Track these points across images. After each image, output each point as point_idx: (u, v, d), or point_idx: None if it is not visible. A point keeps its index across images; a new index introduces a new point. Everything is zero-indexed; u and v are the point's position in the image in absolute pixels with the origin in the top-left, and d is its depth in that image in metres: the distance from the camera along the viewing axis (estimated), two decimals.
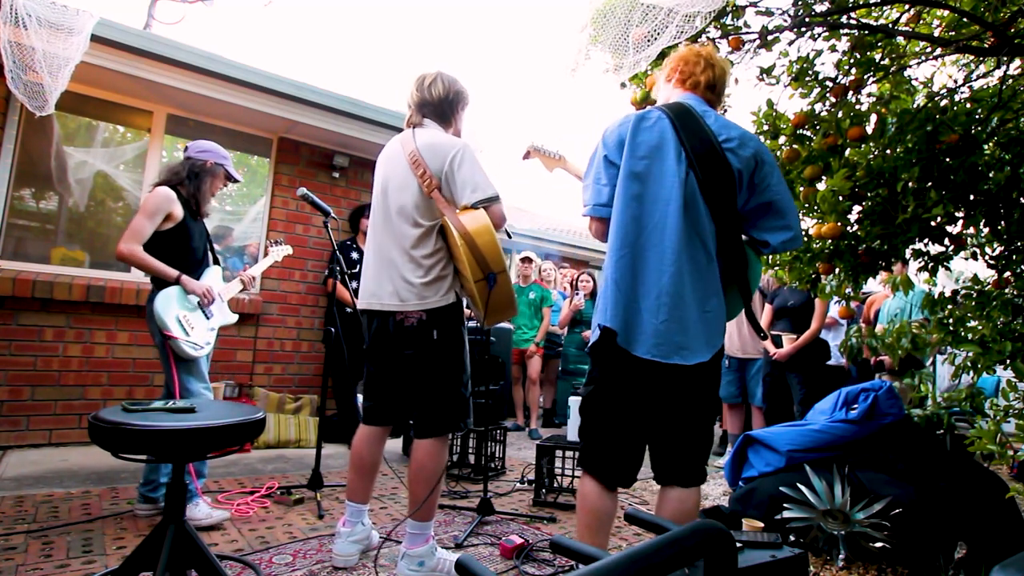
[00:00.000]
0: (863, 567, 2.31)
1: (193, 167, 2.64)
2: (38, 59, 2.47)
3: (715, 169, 1.61)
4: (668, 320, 1.58)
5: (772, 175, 1.66)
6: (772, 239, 1.68)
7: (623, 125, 1.71)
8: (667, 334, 1.58)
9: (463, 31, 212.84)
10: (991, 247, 2.36)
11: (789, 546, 1.13)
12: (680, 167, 1.62)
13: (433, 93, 2.16)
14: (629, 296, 1.62)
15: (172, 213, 2.55)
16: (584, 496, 1.68)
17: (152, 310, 2.47)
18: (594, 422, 1.69)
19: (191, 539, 1.59)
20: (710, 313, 1.61)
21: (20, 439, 3.46)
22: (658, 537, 0.55)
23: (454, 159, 2.03)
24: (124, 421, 1.44)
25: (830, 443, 2.54)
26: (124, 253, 2.45)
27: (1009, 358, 1.95)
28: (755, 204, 1.67)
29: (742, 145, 1.64)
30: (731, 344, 4.49)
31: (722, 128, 1.66)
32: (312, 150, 4.69)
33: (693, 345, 1.59)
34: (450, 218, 1.97)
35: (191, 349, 2.51)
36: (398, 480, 3.33)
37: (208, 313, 2.66)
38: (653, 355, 1.58)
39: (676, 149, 1.63)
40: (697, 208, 1.62)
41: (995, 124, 2.10)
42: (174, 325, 2.48)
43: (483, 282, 1.98)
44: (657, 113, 1.70)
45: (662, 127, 1.66)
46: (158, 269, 2.50)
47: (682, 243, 1.59)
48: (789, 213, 1.67)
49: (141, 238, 2.48)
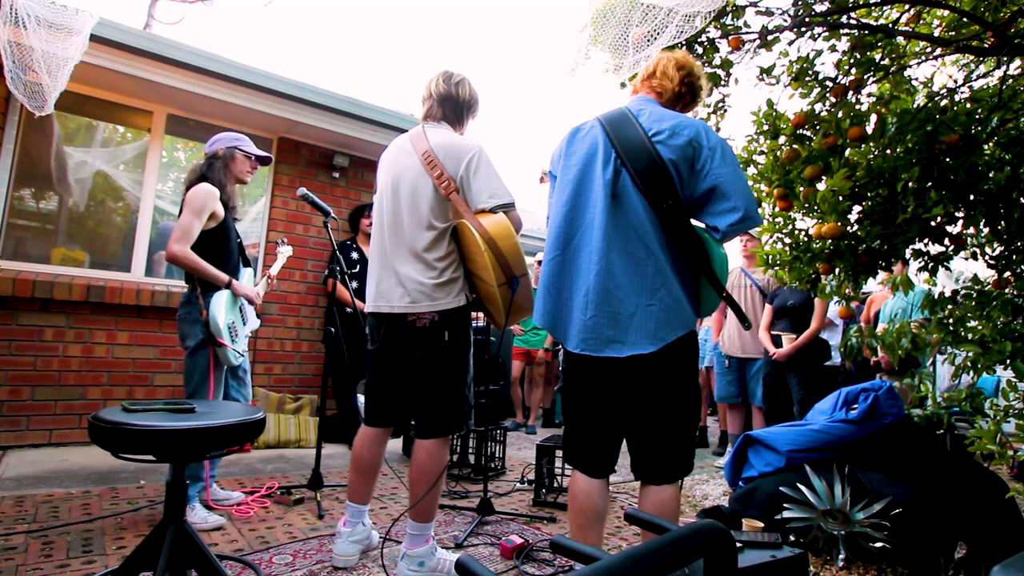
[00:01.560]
0: (863, 567, 2.31)
1: (210, 160, 2.60)
2: (36, 59, 2.47)
3: (646, 164, 1.64)
4: (596, 315, 1.65)
5: (713, 159, 1.63)
6: (720, 223, 1.64)
7: (562, 140, 1.85)
8: (595, 329, 1.65)
9: (464, 31, 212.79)
10: (991, 247, 2.36)
11: (789, 546, 1.13)
12: (607, 170, 1.69)
13: (460, 92, 2.18)
14: (558, 296, 1.74)
15: (216, 211, 2.49)
16: (573, 489, 1.72)
17: (195, 315, 2.42)
18: (567, 413, 1.82)
19: (191, 539, 1.59)
20: (654, 306, 1.61)
21: (20, 439, 3.46)
22: (658, 537, 0.55)
23: (471, 162, 2.04)
24: (124, 421, 1.44)
25: (830, 443, 2.54)
26: (177, 255, 2.36)
27: (1009, 358, 1.95)
28: (701, 191, 1.66)
29: (673, 135, 1.65)
30: (731, 344, 4.49)
31: (654, 122, 1.68)
32: (312, 150, 4.69)
33: (628, 339, 1.61)
34: (471, 222, 1.97)
35: (234, 357, 2.49)
36: (398, 480, 3.33)
37: (245, 318, 2.65)
38: (582, 349, 1.67)
39: (605, 153, 1.71)
40: (632, 204, 1.65)
41: (995, 124, 2.09)
42: (225, 332, 2.45)
43: (506, 286, 1.99)
44: (592, 123, 1.80)
45: (594, 135, 1.76)
46: (210, 273, 2.44)
47: (609, 242, 1.65)
48: (734, 194, 1.62)
49: (191, 238, 2.39)
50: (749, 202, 1.63)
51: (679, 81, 1.82)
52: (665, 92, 1.82)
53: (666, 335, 1.61)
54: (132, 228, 4.05)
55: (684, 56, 1.86)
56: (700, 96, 1.89)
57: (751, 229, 1.85)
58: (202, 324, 2.43)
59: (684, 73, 1.82)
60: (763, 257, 2.46)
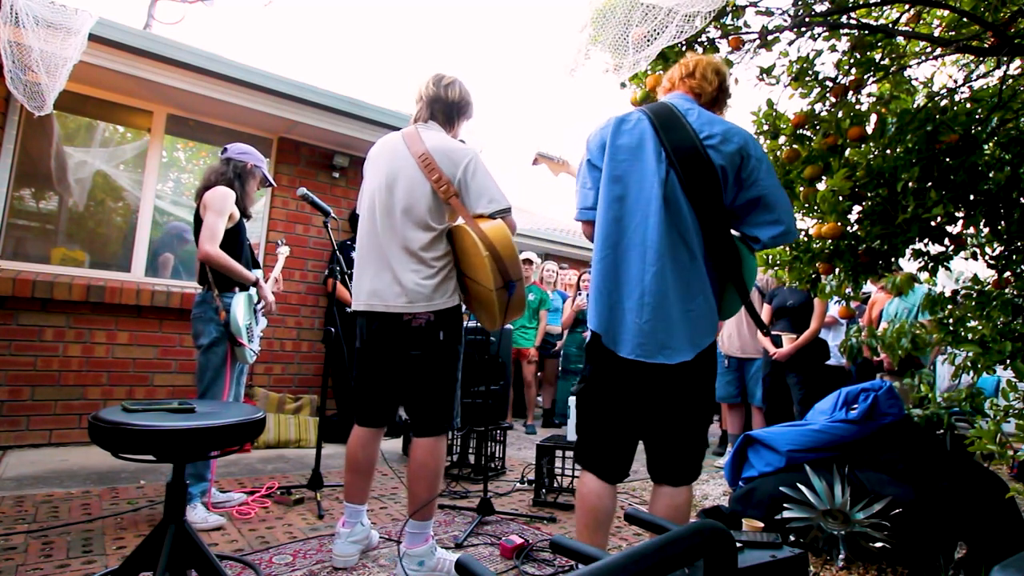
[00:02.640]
0: (863, 567, 2.31)
1: (236, 168, 2.63)
2: (35, 58, 2.47)
3: (696, 167, 1.61)
4: (652, 319, 1.60)
5: (759, 169, 1.64)
6: (762, 234, 1.66)
7: (604, 129, 1.76)
8: (651, 333, 1.60)
9: (463, 31, 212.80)
10: (991, 247, 2.36)
11: (789, 546, 1.13)
12: (660, 167, 1.64)
13: (449, 94, 2.17)
14: (611, 298, 1.67)
15: (233, 213, 2.53)
16: (582, 491, 1.71)
17: (209, 314, 2.45)
18: (587, 418, 1.75)
19: (191, 539, 1.59)
20: (693, 312, 1.61)
21: (20, 439, 3.45)
22: (658, 537, 0.55)
23: (467, 167, 2.05)
24: (124, 421, 1.44)
25: (830, 443, 2.54)
26: (211, 255, 2.39)
27: (1009, 358, 1.95)
28: (744, 200, 1.66)
29: (725, 141, 1.63)
30: (731, 344, 4.49)
31: (704, 125, 1.66)
32: (312, 150, 4.69)
33: (676, 344, 1.60)
34: (472, 227, 1.98)
35: (250, 356, 2.53)
36: (398, 480, 3.33)
37: (258, 319, 2.69)
38: (637, 355, 1.62)
39: (656, 149, 1.65)
40: (679, 207, 1.63)
41: (995, 124, 2.09)
42: (244, 332, 2.50)
43: (503, 290, 2.00)
44: (638, 115, 1.73)
45: (642, 129, 1.69)
46: (240, 272, 2.48)
47: (664, 242, 1.61)
48: (778, 207, 1.64)
49: (219, 237, 2.43)
50: (791, 216, 1.65)
51: (717, 86, 1.81)
52: (704, 95, 1.80)
53: (701, 341, 1.62)
54: (132, 228, 4.04)
55: (719, 61, 1.85)
56: (728, 103, 1.90)
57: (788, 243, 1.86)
58: (217, 322, 2.46)
59: (721, 79, 1.82)
60: (763, 257, 2.46)
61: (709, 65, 1.81)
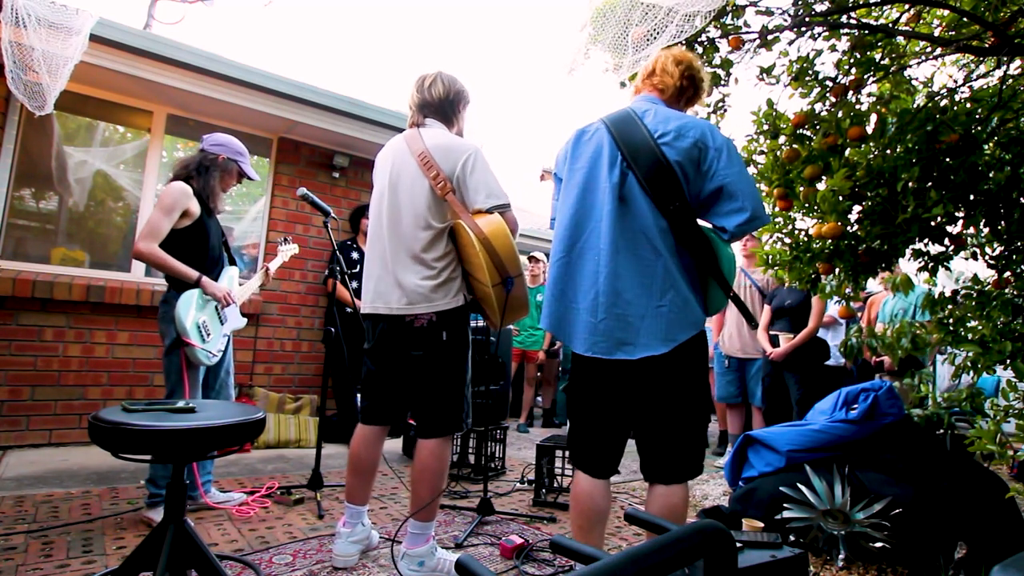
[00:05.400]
0: (863, 567, 2.31)
1: (204, 160, 2.56)
2: (36, 58, 2.47)
3: (652, 166, 1.64)
4: (607, 319, 1.65)
5: (719, 160, 1.64)
6: (728, 223, 1.65)
7: (568, 142, 1.84)
8: (607, 332, 1.65)
9: (463, 31, 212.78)
10: (991, 247, 2.35)
11: (789, 546, 1.13)
12: (613, 172, 1.69)
13: (433, 94, 2.16)
14: (566, 297, 1.74)
15: (189, 209, 2.45)
16: (575, 490, 1.72)
17: (171, 314, 2.37)
18: (572, 415, 1.81)
19: (191, 539, 1.59)
20: (665, 307, 1.62)
21: (20, 439, 3.46)
22: (658, 537, 0.55)
23: (466, 163, 2.04)
24: (124, 421, 1.44)
25: (830, 443, 2.54)
26: (143, 252, 2.35)
27: (1009, 358, 1.95)
28: (708, 191, 1.66)
29: (679, 136, 1.65)
30: (731, 344, 4.49)
31: (659, 124, 1.68)
32: (312, 150, 4.69)
33: (640, 341, 1.62)
34: (466, 222, 1.97)
35: (205, 357, 2.43)
36: (398, 480, 3.33)
37: (223, 317, 2.59)
38: (593, 352, 1.67)
39: (611, 155, 1.71)
40: (639, 207, 1.65)
41: (995, 124, 2.09)
42: (193, 331, 2.39)
43: (500, 286, 2.00)
44: (597, 124, 1.79)
45: (599, 137, 1.75)
46: (178, 270, 2.40)
47: (617, 244, 1.65)
48: (741, 195, 1.62)
49: (159, 236, 2.37)
50: (756, 202, 1.63)
51: (679, 76, 1.81)
52: (667, 88, 1.81)
53: (677, 335, 1.62)
54: (132, 228, 4.05)
55: (681, 51, 1.86)
56: (703, 88, 1.88)
57: (758, 229, 1.85)
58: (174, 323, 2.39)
59: (683, 67, 1.81)
60: (763, 257, 2.46)
61: (668, 58, 1.83)
